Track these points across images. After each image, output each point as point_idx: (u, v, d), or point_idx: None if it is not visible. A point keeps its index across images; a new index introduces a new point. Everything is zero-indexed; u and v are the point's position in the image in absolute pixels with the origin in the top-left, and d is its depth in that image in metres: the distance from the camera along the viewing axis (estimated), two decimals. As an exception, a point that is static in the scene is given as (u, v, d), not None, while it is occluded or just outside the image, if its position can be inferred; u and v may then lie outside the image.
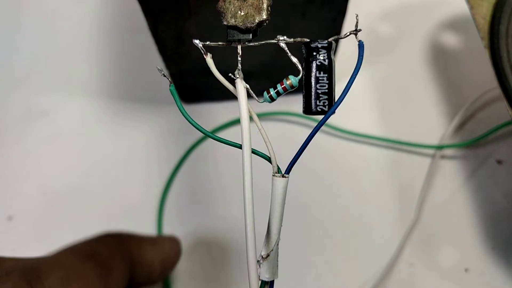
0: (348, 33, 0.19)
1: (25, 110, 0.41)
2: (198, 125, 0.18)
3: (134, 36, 0.43)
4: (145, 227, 0.36)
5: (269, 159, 0.19)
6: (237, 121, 0.39)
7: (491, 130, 0.37)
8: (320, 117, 0.18)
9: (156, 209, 0.37)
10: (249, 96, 0.18)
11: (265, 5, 0.19)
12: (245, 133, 0.18)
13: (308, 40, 0.18)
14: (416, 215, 0.35)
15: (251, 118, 0.18)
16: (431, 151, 0.38)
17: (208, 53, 0.19)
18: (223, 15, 0.19)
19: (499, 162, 0.37)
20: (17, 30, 0.45)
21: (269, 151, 0.19)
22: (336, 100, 0.18)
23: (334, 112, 0.18)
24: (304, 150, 0.18)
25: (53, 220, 0.37)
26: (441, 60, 0.42)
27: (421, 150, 0.38)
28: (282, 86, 0.18)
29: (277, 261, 0.20)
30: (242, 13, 0.19)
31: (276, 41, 0.19)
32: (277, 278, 0.20)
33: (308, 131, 0.18)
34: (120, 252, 0.27)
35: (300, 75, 0.18)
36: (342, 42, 0.38)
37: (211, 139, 0.19)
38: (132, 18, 0.44)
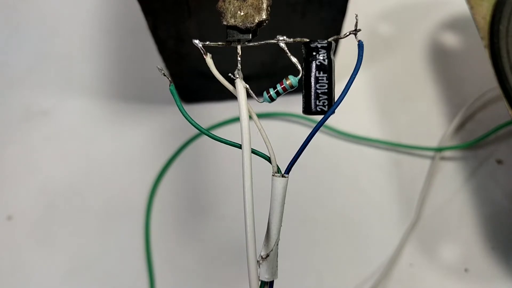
0: (347, 33, 0.19)
1: (25, 110, 0.41)
2: (198, 125, 0.18)
3: (134, 36, 0.43)
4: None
5: (268, 159, 0.19)
6: (236, 119, 0.39)
7: (491, 131, 0.37)
8: (320, 117, 0.18)
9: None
10: (248, 96, 0.18)
11: (264, 5, 0.19)
12: (245, 133, 0.18)
13: (307, 40, 0.18)
14: (416, 215, 0.35)
15: (250, 118, 0.18)
16: (431, 153, 0.38)
17: (208, 53, 0.19)
18: (223, 15, 0.19)
19: (499, 162, 0.37)
20: (17, 30, 0.45)
21: (268, 151, 0.19)
22: (335, 100, 0.18)
23: (333, 112, 0.18)
24: (304, 150, 0.18)
25: (52, 220, 0.37)
26: (441, 60, 0.42)
27: (421, 151, 0.38)
28: (282, 86, 0.18)
29: (277, 261, 0.20)
30: (242, 13, 0.19)
31: (275, 41, 0.19)
32: (277, 278, 0.20)
33: (308, 131, 0.18)
34: None
35: (300, 75, 0.18)
36: (342, 42, 0.38)
37: (208, 136, 0.19)
38: (132, 18, 0.44)
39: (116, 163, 0.39)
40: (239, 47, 0.19)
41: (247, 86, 0.18)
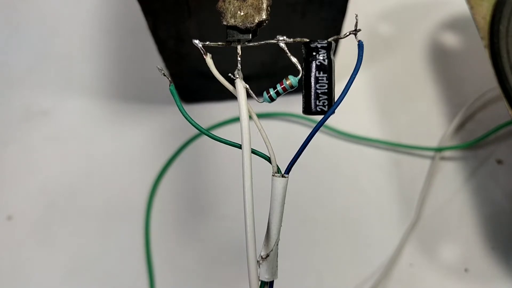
0: (347, 33, 0.19)
1: (25, 110, 0.41)
2: (198, 125, 0.18)
3: (134, 36, 0.43)
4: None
5: (268, 159, 0.19)
6: (236, 119, 0.39)
7: (491, 131, 0.37)
8: (320, 117, 0.18)
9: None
10: (248, 96, 0.18)
11: (264, 5, 0.19)
12: (244, 133, 0.18)
13: (307, 40, 0.18)
14: (416, 215, 0.35)
15: (250, 118, 0.18)
16: (431, 153, 0.38)
17: (208, 53, 0.19)
18: (223, 15, 0.19)
19: (499, 162, 0.37)
20: (17, 30, 0.45)
21: (268, 151, 0.19)
22: (335, 100, 0.18)
23: (333, 112, 0.18)
24: (304, 150, 0.18)
25: (52, 220, 0.37)
26: (441, 60, 0.42)
27: (421, 151, 0.38)
28: (282, 86, 0.18)
29: (277, 261, 0.20)
30: (242, 13, 0.19)
31: (275, 41, 0.19)
32: (277, 278, 0.20)
33: (308, 131, 0.18)
34: None
35: (300, 75, 0.18)
36: (342, 42, 0.38)
37: (208, 136, 0.19)
38: (132, 18, 0.44)
39: (116, 163, 0.39)
40: (239, 47, 0.19)
41: (247, 86, 0.18)
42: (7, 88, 0.42)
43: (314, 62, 0.18)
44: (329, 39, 0.18)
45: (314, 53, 0.18)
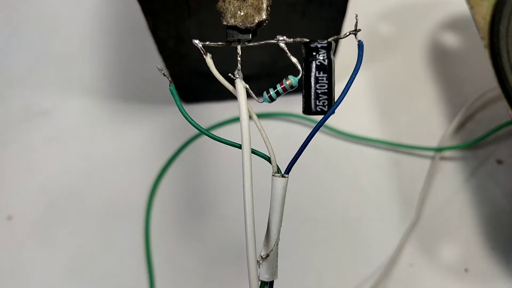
0: (347, 33, 0.19)
1: (24, 110, 0.41)
2: (198, 125, 0.18)
3: (134, 36, 0.43)
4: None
5: (268, 159, 0.19)
6: (236, 119, 0.39)
7: (491, 131, 0.37)
8: (320, 117, 0.18)
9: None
10: (248, 96, 0.18)
11: (264, 5, 0.19)
12: (244, 133, 0.18)
13: (307, 40, 0.18)
14: (416, 215, 0.35)
15: (250, 118, 0.18)
16: (431, 153, 0.38)
17: (208, 53, 0.19)
18: (223, 15, 0.19)
19: (499, 162, 0.37)
20: (17, 30, 0.45)
21: (268, 151, 0.19)
22: (335, 100, 0.18)
23: (333, 112, 0.18)
24: (304, 150, 0.18)
25: (52, 220, 0.37)
26: (441, 60, 0.42)
27: (421, 151, 0.38)
28: (282, 86, 0.18)
29: (277, 261, 0.20)
30: (242, 13, 0.19)
31: (275, 41, 0.19)
32: (277, 278, 0.20)
33: (308, 131, 0.18)
34: None
35: (300, 75, 0.18)
36: (342, 42, 0.38)
37: (208, 136, 0.19)
38: (132, 18, 0.44)
39: (116, 163, 0.39)
40: (239, 47, 0.19)
41: (247, 86, 0.18)
42: (7, 88, 0.42)
43: (314, 62, 0.18)
44: (329, 39, 0.18)
45: (314, 53, 0.18)
